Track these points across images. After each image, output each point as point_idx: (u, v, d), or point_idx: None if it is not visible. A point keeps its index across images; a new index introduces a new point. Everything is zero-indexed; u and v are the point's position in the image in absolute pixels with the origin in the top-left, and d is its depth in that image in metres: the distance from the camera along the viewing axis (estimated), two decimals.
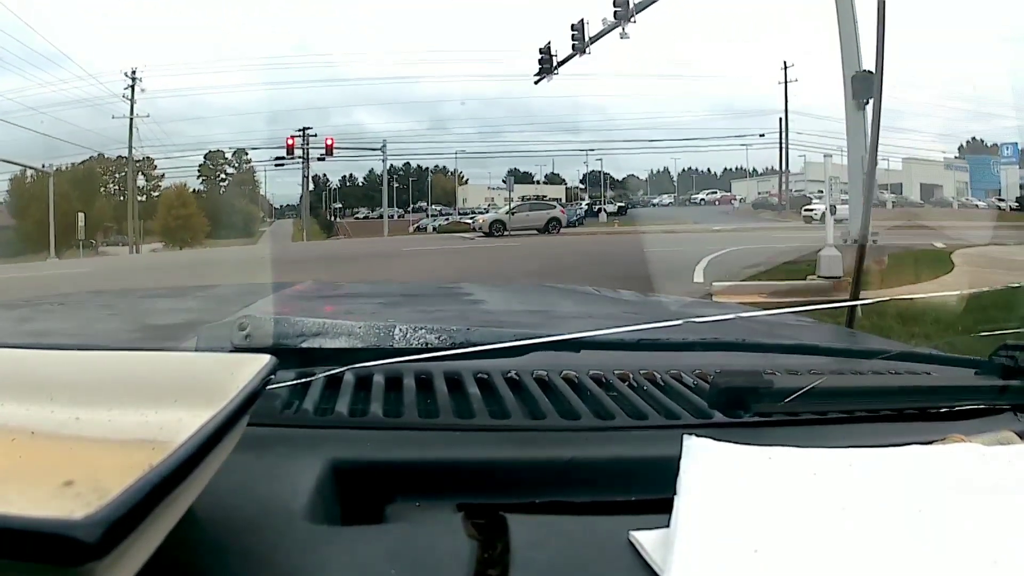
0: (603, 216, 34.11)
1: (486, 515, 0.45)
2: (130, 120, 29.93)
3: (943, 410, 0.64)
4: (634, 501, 0.49)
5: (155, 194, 35.80)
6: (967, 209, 31.02)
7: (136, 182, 32.80)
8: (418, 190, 43.80)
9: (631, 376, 0.68)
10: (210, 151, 38.57)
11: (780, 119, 34.55)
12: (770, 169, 39.86)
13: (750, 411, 0.58)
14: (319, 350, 0.59)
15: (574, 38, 17.76)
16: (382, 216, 35.23)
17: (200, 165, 38.43)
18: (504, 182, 35.74)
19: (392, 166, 39.12)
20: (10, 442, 0.39)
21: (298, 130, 33.22)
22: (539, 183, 42.08)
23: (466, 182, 44.36)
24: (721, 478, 0.45)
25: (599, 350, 0.65)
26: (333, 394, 0.61)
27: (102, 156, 34.06)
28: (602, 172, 42.67)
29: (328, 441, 0.53)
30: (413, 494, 0.49)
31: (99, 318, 1.24)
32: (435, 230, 32.88)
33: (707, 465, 0.46)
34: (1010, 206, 29.15)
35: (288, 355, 0.55)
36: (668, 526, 0.41)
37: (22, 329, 1.09)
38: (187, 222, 32.49)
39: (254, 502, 0.44)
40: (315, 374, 0.61)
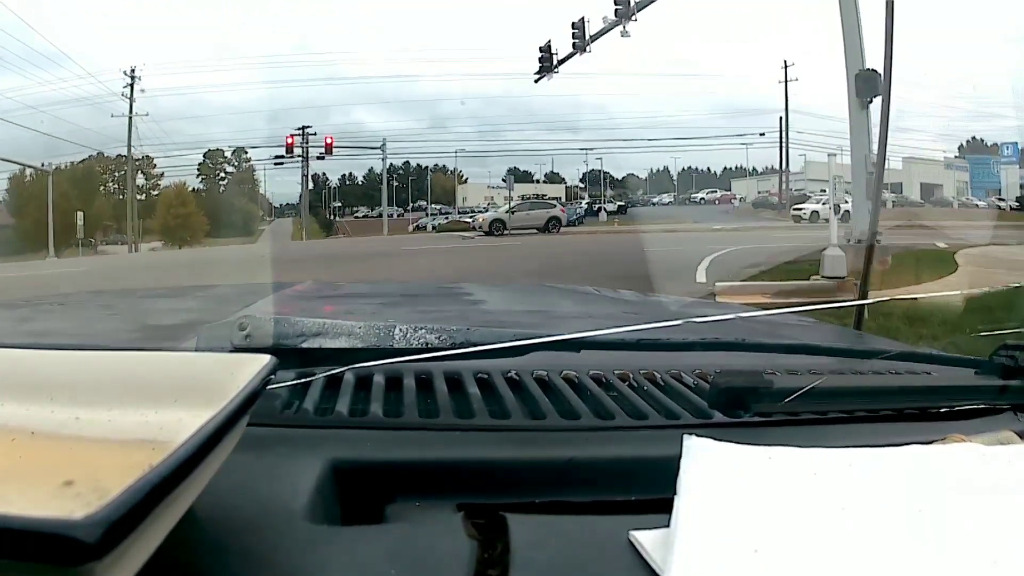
0: (603, 215, 34.11)
1: (486, 515, 0.45)
2: (129, 119, 29.94)
3: (943, 410, 0.64)
4: (634, 501, 0.49)
5: (154, 193, 35.75)
6: (967, 209, 31.02)
7: (135, 181, 32.81)
8: (417, 189, 43.78)
9: (631, 376, 0.68)
10: (209, 150, 38.56)
11: (780, 118, 34.58)
12: (770, 168, 39.85)
13: (750, 411, 0.58)
14: (319, 350, 0.59)
15: (575, 36, 17.72)
16: (381, 215, 35.25)
17: (199, 164, 38.40)
18: (504, 181, 35.73)
19: (392, 165, 39.15)
20: (10, 442, 0.39)
21: (297, 129, 33.26)
22: (539, 182, 42.03)
23: (465, 181, 44.33)
24: (721, 478, 0.45)
25: (599, 350, 0.65)
26: (333, 394, 0.61)
27: (101, 155, 34.05)
28: (602, 171, 42.72)
29: (328, 441, 0.53)
30: (413, 494, 0.49)
31: (99, 318, 1.24)
32: (434, 229, 32.86)
33: (707, 465, 0.46)
34: (1010, 206, 29.14)
35: (288, 355, 0.55)
36: (668, 526, 0.41)
37: (22, 329, 1.09)
38: (186, 221, 32.43)
39: (254, 502, 0.44)
40: (315, 374, 0.61)
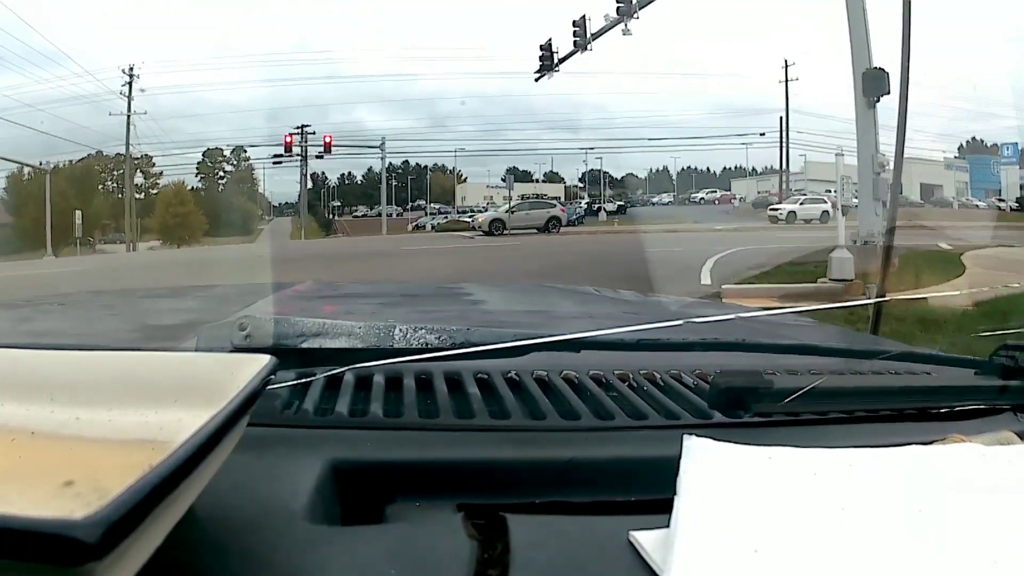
0: (603, 215, 34.11)
1: (486, 515, 0.45)
2: (127, 117, 29.90)
3: (943, 410, 0.64)
4: (634, 501, 0.49)
5: (153, 192, 35.72)
6: (967, 209, 31.01)
7: (134, 180, 32.78)
8: (417, 188, 43.79)
9: (631, 376, 0.68)
10: (208, 148, 38.53)
11: (780, 118, 34.56)
12: (770, 168, 39.84)
13: (750, 411, 0.58)
14: (319, 350, 0.59)
15: (575, 34, 17.66)
16: (380, 214, 35.21)
17: (198, 163, 38.37)
18: (503, 180, 35.70)
19: (391, 164, 39.11)
20: (10, 442, 0.39)
21: (296, 127, 33.20)
22: (538, 181, 42.02)
23: (464, 180, 44.31)
24: (721, 478, 0.45)
25: (599, 350, 0.65)
26: (333, 394, 0.61)
27: (100, 154, 33.99)
28: (602, 171, 42.71)
29: (328, 441, 0.53)
30: (413, 494, 0.49)
31: (99, 318, 1.24)
32: (434, 229, 32.82)
33: (707, 465, 0.46)
34: (1010, 206, 29.13)
35: (288, 355, 0.55)
36: (668, 526, 0.41)
37: (22, 329, 1.09)
38: (185, 220, 32.37)
39: (254, 502, 0.44)
40: (315, 374, 0.61)
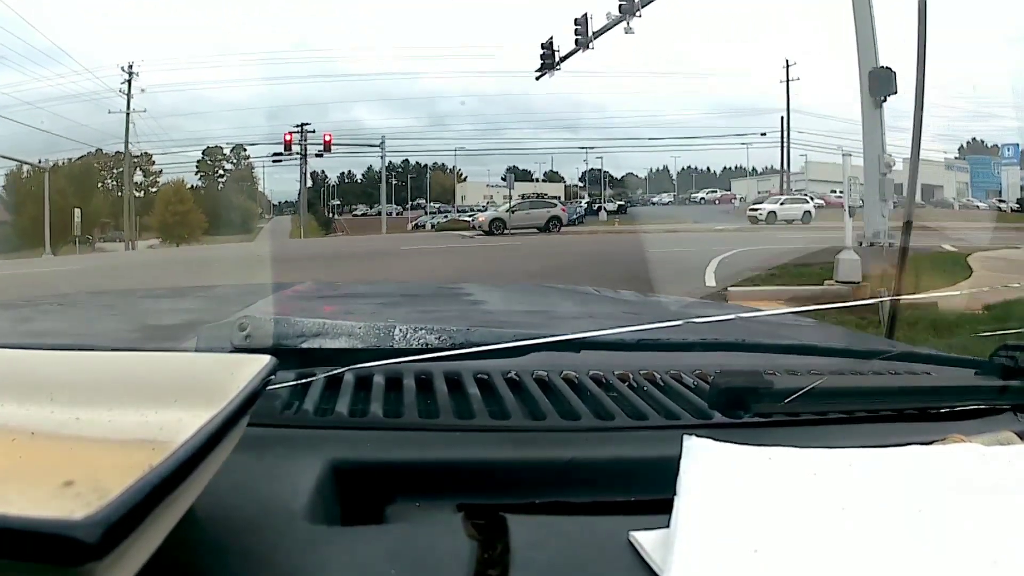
0: (603, 215, 34.07)
1: (486, 515, 0.45)
2: (127, 115, 29.86)
3: (943, 410, 0.64)
4: (634, 501, 0.49)
5: (153, 190, 35.65)
6: (968, 210, 30.98)
7: (133, 178, 32.73)
8: (416, 187, 43.77)
9: (631, 376, 0.68)
10: (208, 147, 38.48)
11: (782, 118, 34.53)
12: (770, 168, 39.82)
13: (750, 411, 0.58)
14: (319, 350, 0.59)
15: (577, 32, 17.62)
16: (380, 213, 35.17)
17: (198, 161, 38.33)
18: (504, 179, 35.68)
19: (391, 163, 39.10)
20: (10, 442, 0.39)
21: (296, 126, 33.13)
22: (538, 181, 42.01)
23: (464, 179, 44.29)
24: (721, 478, 0.45)
25: (599, 350, 0.65)
26: (333, 394, 0.61)
27: (100, 152, 33.95)
28: (602, 170, 42.68)
29: (328, 441, 0.53)
30: (413, 494, 0.49)
31: (99, 318, 1.24)
32: (433, 228, 32.77)
33: (707, 465, 0.46)
34: (1011, 207, 29.12)
35: (288, 355, 0.55)
36: (668, 526, 0.41)
37: (22, 329, 1.09)
38: (184, 218, 32.33)
39: (254, 502, 0.44)
40: (315, 374, 0.61)
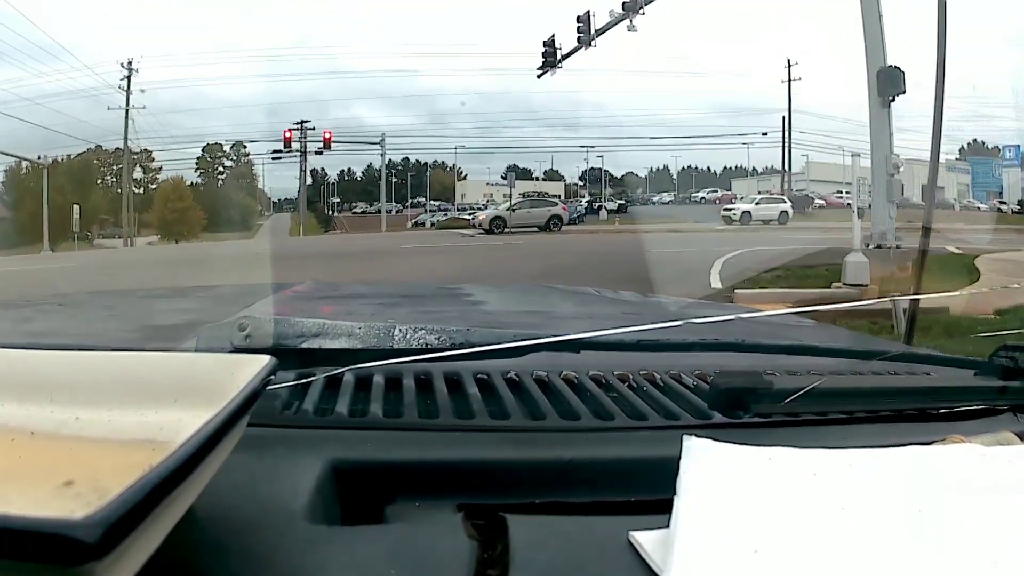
0: (604, 214, 34.02)
1: (486, 515, 0.45)
2: (126, 112, 29.76)
3: (943, 411, 0.64)
4: (634, 501, 0.49)
5: (152, 187, 35.44)
6: (969, 211, 30.94)
7: (132, 174, 32.61)
8: (416, 185, 43.64)
9: (631, 377, 0.68)
10: (208, 144, 38.19)
11: (783, 118, 34.43)
12: (770, 168, 39.74)
13: (750, 412, 0.58)
14: (319, 350, 0.59)
15: (579, 30, 17.53)
16: (380, 211, 35.12)
17: (197, 158, 38.10)
18: (504, 178, 35.59)
19: (390, 161, 38.89)
20: (10, 442, 0.39)
21: (296, 123, 32.98)
22: (538, 179, 41.93)
23: (464, 178, 44.17)
24: (721, 479, 0.45)
25: (599, 351, 0.65)
26: (333, 395, 0.61)
27: (99, 148, 33.74)
28: (602, 169, 42.63)
29: (328, 441, 0.53)
30: (413, 494, 0.49)
31: (99, 318, 1.24)
32: (433, 226, 32.68)
33: (707, 465, 0.46)
34: (1012, 209, 29.06)
35: (288, 355, 0.55)
36: (668, 526, 0.41)
37: (22, 329, 1.09)
38: (184, 215, 32.12)
39: (254, 502, 0.44)
40: (315, 375, 0.61)
